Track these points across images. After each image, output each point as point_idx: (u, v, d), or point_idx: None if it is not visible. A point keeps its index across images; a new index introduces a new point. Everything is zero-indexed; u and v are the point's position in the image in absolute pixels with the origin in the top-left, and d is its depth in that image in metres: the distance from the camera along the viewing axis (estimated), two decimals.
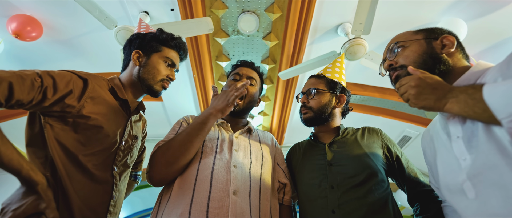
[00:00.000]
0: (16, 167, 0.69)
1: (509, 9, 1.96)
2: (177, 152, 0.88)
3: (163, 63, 1.05)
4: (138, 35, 1.09)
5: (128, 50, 1.08)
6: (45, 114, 0.82)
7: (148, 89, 1.03)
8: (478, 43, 2.25)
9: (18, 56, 2.52)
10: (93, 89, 0.88)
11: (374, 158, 1.06)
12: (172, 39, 1.08)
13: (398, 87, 0.75)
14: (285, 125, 3.51)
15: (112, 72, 2.69)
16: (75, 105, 0.82)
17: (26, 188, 0.73)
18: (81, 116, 0.83)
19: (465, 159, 0.66)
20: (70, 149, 0.82)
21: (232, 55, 2.60)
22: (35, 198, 0.71)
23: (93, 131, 0.86)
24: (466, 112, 0.61)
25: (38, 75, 0.77)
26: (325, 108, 1.17)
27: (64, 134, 0.82)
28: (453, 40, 0.81)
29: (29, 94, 0.73)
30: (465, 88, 0.63)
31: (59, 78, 0.81)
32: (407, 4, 2.04)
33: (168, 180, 0.91)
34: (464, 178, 0.65)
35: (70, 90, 0.82)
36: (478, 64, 0.74)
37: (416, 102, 0.69)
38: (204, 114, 0.94)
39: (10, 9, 2.09)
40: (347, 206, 0.96)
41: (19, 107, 0.74)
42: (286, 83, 2.84)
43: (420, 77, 0.70)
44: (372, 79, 2.84)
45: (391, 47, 0.87)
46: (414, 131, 3.42)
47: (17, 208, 0.69)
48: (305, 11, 2.10)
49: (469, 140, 0.66)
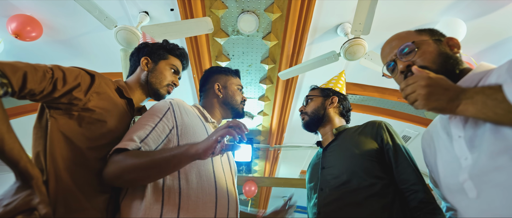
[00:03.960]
0: (16, 158, 0.68)
1: (508, 9, 1.97)
2: (148, 177, 0.80)
3: (169, 70, 1.14)
4: (147, 44, 1.17)
5: (136, 57, 1.15)
6: (50, 107, 0.84)
7: (154, 93, 1.11)
8: (477, 43, 2.26)
9: (18, 56, 2.52)
10: (99, 85, 0.92)
11: (360, 154, 1.04)
12: (177, 49, 1.18)
13: (404, 87, 0.69)
14: (284, 125, 3.51)
15: (112, 72, 2.70)
16: (82, 98, 0.85)
17: (20, 182, 0.72)
18: (86, 110, 0.86)
19: (466, 159, 0.66)
20: (75, 142, 0.83)
21: (232, 55, 2.61)
22: (28, 193, 0.70)
23: (97, 125, 0.88)
24: (484, 114, 0.58)
25: (50, 68, 0.81)
26: (318, 110, 1.27)
27: (68, 127, 0.83)
28: (458, 42, 0.80)
29: (40, 84, 0.76)
30: (481, 88, 0.60)
31: (68, 72, 0.85)
32: (406, 4, 2.04)
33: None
34: (465, 178, 0.65)
35: (78, 83, 0.85)
36: (480, 65, 0.73)
37: (426, 103, 0.64)
38: (190, 153, 0.77)
39: (10, 9, 2.09)
40: (329, 206, 1.00)
41: (31, 97, 0.76)
42: (285, 83, 2.84)
43: (431, 76, 0.66)
44: (372, 79, 2.84)
45: (405, 48, 0.81)
46: (414, 131, 3.43)
47: (8, 203, 0.68)
48: (304, 11, 2.10)
49: (471, 140, 0.65)
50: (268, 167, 4.50)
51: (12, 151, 0.67)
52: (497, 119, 0.57)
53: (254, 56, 2.61)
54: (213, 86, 1.19)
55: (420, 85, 0.65)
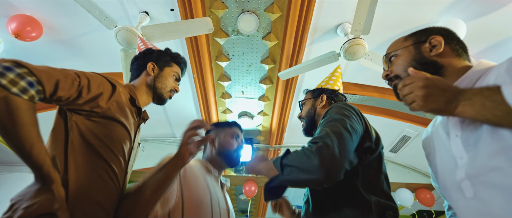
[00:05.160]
0: (41, 162, 0.70)
1: (508, 9, 1.97)
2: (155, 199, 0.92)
3: (172, 76, 1.21)
4: (152, 50, 1.24)
5: (141, 61, 1.21)
6: (72, 111, 0.87)
7: (158, 97, 1.18)
8: (477, 43, 2.26)
9: (18, 56, 2.52)
10: (119, 94, 0.96)
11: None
12: (180, 57, 1.27)
13: (401, 87, 0.69)
14: (284, 125, 3.51)
15: (112, 72, 2.70)
16: (103, 106, 0.89)
17: (40, 185, 0.73)
18: (106, 117, 0.90)
19: (462, 158, 0.66)
20: (96, 147, 0.86)
21: (232, 55, 2.61)
22: (48, 196, 0.71)
23: (116, 132, 0.93)
24: (483, 116, 0.57)
25: (77, 75, 0.84)
26: (310, 112, 1.27)
27: (89, 133, 0.86)
28: (440, 40, 0.79)
29: (69, 91, 0.79)
30: (479, 90, 0.59)
31: (93, 79, 0.88)
32: (406, 5, 2.04)
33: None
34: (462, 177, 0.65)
35: (101, 92, 0.89)
36: (479, 63, 0.72)
37: (424, 104, 0.63)
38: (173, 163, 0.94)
39: (10, 9, 2.09)
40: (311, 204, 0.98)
41: (57, 102, 0.80)
42: (285, 83, 2.84)
43: (428, 77, 0.65)
44: (372, 79, 2.85)
45: (385, 58, 0.88)
46: (413, 131, 3.43)
47: (29, 206, 0.69)
48: (304, 11, 2.10)
49: (467, 139, 0.65)
50: None
51: (38, 155, 0.70)
52: (496, 121, 0.56)
53: (254, 56, 2.61)
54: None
55: (418, 86, 0.64)
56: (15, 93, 0.66)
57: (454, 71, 0.76)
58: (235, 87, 3.02)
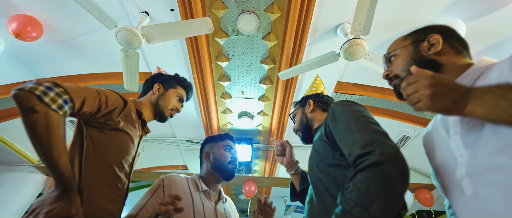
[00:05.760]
0: (64, 170, 0.78)
1: (508, 9, 1.97)
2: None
3: (175, 97, 1.32)
4: (162, 74, 1.37)
5: (150, 83, 1.34)
6: (88, 125, 0.96)
7: (160, 114, 1.27)
8: (476, 43, 2.26)
9: (18, 56, 2.53)
10: (129, 108, 1.06)
11: (316, 148, 1.02)
12: (185, 81, 1.39)
13: (405, 86, 0.65)
14: (284, 125, 3.51)
15: (112, 72, 2.70)
16: (115, 119, 0.99)
17: (60, 191, 0.80)
18: (116, 129, 1.00)
19: (462, 155, 0.65)
20: (105, 156, 0.96)
21: (232, 55, 2.61)
22: (66, 202, 0.79)
23: (124, 143, 1.02)
24: (495, 115, 0.54)
25: (98, 93, 0.93)
26: (303, 120, 1.30)
27: (101, 143, 0.96)
28: (438, 38, 0.78)
29: (91, 107, 0.89)
30: (489, 88, 0.56)
31: (109, 96, 0.97)
32: (406, 5, 2.05)
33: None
34: (463, 175, 0.64)
35: (115, 107, 0.98)
36: (481, 61, 0.71)
37: (432, 104, 0.59)
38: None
39: (10, 9, 2.09)
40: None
41: (80, 116, 0.89)
42: (285, 83, 2.84)
43: (434, 75, 0.61)
44: (371, 79, 2.85)
45: (385, 58, 0.88)
46: (413, 131, 3.43)
47: (50, 211, 0.76)
48: (304, 11, 2.11)
49: (466, 136, 0.65)
50: (268, 167, 4.51)
51: (63, 165, 0.78)
52: (510, 120, 0.53)
53: (254, 56, 2.62)
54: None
55: (424, 84, 0.60)
56: (54, 109, 0.76)
57: (454, 69, 0.75)
58: (235, 87, 3.03)
